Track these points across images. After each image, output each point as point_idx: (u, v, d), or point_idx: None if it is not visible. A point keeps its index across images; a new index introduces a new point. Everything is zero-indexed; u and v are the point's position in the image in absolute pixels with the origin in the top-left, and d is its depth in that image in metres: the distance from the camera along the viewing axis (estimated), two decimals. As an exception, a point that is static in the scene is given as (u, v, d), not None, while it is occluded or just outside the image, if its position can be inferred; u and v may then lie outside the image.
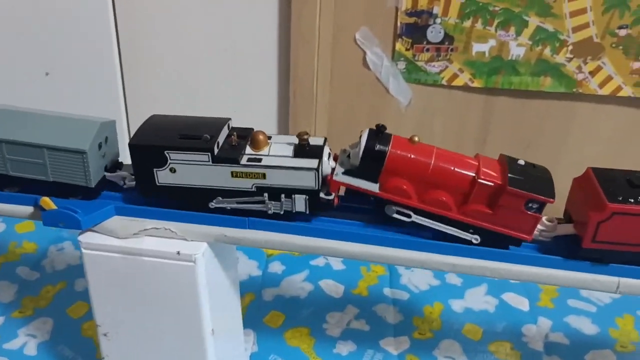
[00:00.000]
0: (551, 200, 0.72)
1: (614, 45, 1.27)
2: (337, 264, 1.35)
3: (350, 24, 1.31)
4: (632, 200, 0.71)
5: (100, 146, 0.82)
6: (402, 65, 1.35)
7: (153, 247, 0.80)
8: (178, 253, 0.79)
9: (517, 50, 1.30)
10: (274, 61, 1.35)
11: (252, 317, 1.19)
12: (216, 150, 0.76)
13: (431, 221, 0.76)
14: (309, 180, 0.75)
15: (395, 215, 0.76)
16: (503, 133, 1.41)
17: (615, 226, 0.71)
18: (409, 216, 0.76)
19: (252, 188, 0.77)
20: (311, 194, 0.76)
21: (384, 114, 1.41)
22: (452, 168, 0.74)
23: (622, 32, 1.26)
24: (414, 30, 1.30)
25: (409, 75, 1.36)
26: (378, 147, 0.74)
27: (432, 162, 0.74)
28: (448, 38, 1.30)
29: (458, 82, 1.35)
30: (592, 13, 1.25)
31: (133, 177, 0.83)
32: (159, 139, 0.77)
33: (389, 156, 0.74)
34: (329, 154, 0.79)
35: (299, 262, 1.35)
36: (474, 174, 0.74)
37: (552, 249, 0.78)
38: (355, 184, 0.76)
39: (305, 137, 0.77)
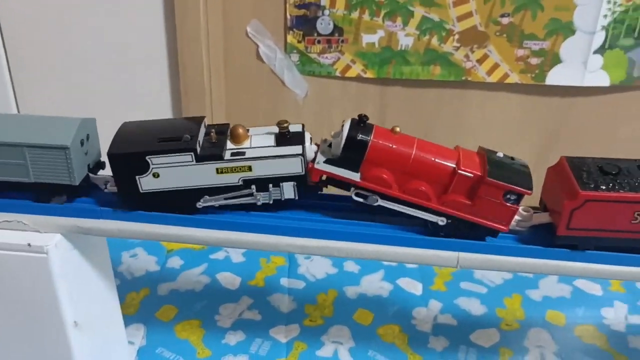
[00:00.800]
0: (529, 192, 0.74)
1: (497, 34, 1.31)
2: (237, 257, 1.36)
3: (240, 16, 1.32)
4: (603, 187, 0.72)
5: (82, 143, 0.80)
6: (295, 57, 1.36)
7: (3, 240, 0.79)
8: (29, 245, 0.79)
9: (405, 40, 1.33)
10: (163, 57, 1.35)
11: (145, 312, 1.19)
12: (199, 149, 0.75)
13: (399, 205, 0.77)
14: (295, 167, 0.76)
15: (355, 198, 0.77)
16: (400, 122, 1.41)
17: (589, 213, 0.73)
18: (365, 197, 0.77)
19: (238, 182, 0.77)
20: (299, 180, 0.77)
21: (282, 106, 1.42)
22: (433, 159, 0.75)
23: (505, 20, 1.30)
24: (304, 22, 1.32)
25: (303, 67, 1.37)
26: (360, 136, 0.74)
27: (413, 152, 0.75)
28: (338, 30, 1.32)
29: (351, 73, 1.37)
30: (475, 2, 1.28)
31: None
32: (137, 145, 0.76)
33: (371, 146, 0.74)
34: (310, 139, 0.79)
35: (198, 256, 1.35)
36: (454, 165, 0.75)
37: (529, 238, 0.79)
38: (336, 173, 0.77)
39: (285, 125, 0.77)
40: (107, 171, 0.82)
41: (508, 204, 0.74)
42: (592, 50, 1.32)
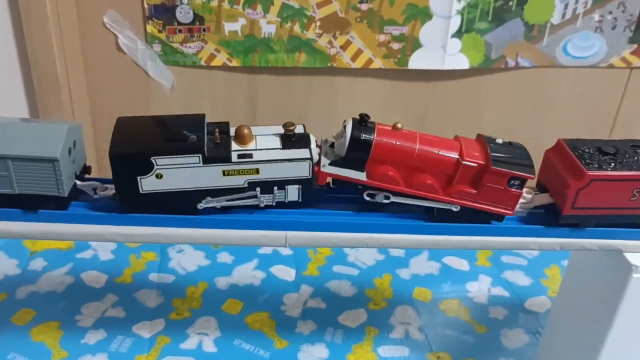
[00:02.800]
0: (532, 176, 0.75)
1: (358, 20, 1.33)
2: (105, 254, 1.32)
3: (95, 6, 1.27)
4: (605, 167, 0.75)
5: (69, 151, 0.74)
6: (157, 47, 1.33)
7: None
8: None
9: (268, 28, 1.32)
10: (12, 50, 1.29)
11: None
12: (206, 151, 0.71)
13: (411, 199, 0.77)
14: (303, 171, 0.74)
15: (366, 198, 0.76)
16: (271, 109, 1.43)
17: (592, 192, 0.75)
18: (388, 198, 0.77)
19: (244, 184, 0.74)
20: (305, 183, 0.75)
21: (149, 98, 1.39)
22: (437, 151, 0.75)
23: (364, 7, 1.32)
24: (163, 11, 1.29)
25: (167, 58, 1.34)
26: (364, 136, 0.73)
27: (417, 147, 0.75)
28: (198, 18, 1.30)
29: (217, 62, 1.35)
30: (334, -11, 1.30)
31: (105, 186, 0.78)
32: (142, 145, 0.72)
33: (375, 144, 0.74)
34: (315, 141, 0.77)
35: (63, 257, 1.30)
36: (457, 156, 0.75)
37: (533, 219, 0.80)
38: (342, 174, 0.75)
39: (292, 127, 0.75)
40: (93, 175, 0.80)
41: (512, 190, 0.76)
42: (450, 34, 1.36)
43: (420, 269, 1.33)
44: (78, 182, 0.77)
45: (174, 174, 0.72)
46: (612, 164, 0.76)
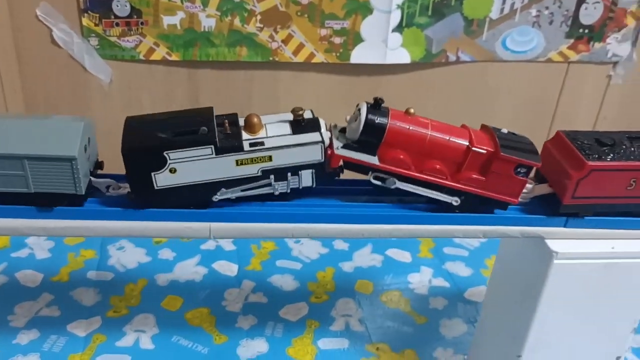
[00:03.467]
0: (539, 164, 0.77)
1: (299, 14, 1.33)
2: (42, 253, 1.29)
3: (28, -1, 1.24)
4: (604, 158, 0.78)
5: (85, 149, 0.73)
6: (94, 41, 1.30)
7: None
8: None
9: (207, 21, 1.31)
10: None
11: None
12: (218, 142, 0.71)
13: (415, 187, 0.78)
14: (315, 154, 0.74)
15: (374, 181, 0.77)
16: (213, 104, 1.40)
17: (592, 182, 0.78)
18: (384, 180, 0.77)
19: (258, 173, 0.74)
20: (317, 167, 0.75)
21: (87, 92, 1.36)
22: (448, 138, 0.76)
23: (304, 1, 1.32)
24: (99, 4, 1.26)
25: (104, 52, 1.32)
26: (378, 120, 0.74)
27: (429, 132, 0.76)
28: (136, 11, 1.28)
29: (156, 56, 1.33)
30: (273, -17, 1.30)
31: (118, 185, 0.77)
32: (154, 140, 0.71)
33: (389, 129, 0.74)
34: (325, 125, 0.77)
35: (-1, 255, 1.27)
36: (467, 143, 0.76)
37: (534, 208, 0.82)
38: (355, 157, 0.76)
39: (300, 112, 0.75)
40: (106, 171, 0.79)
41: (519, 177, 0.77)
42: (391, 28, 1.37)
43: (363, 262, 1.33)
44: (93, 179, 0.77)
45: (188, 167, 0.72)
46: (611, 155, 0.79)
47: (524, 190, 0.82)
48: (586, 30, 1.47)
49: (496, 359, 0.97)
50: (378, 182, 0.78)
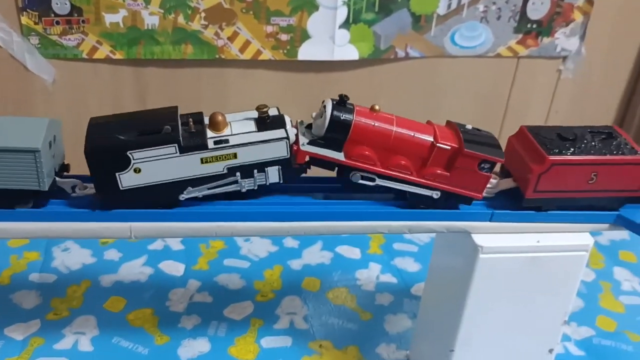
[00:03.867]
0: (502, 160, 0.78)
1: (244, 11, 1.32)
2: (-17, 255, 1.27)
3: (-37, -3, 1.22)
4: (565, 152, 0.79)
5: (50, 145, 0.72)
6: (35, 40, 1.28)
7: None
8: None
9: (151, 19, 1.30)
10: None
11: None
12: (182, 140, 0.71)
13: (395, 183, 0.79)
14: (281, 150, 0.75)
15: (361, 181, 0.78)
16: (161, 103, 1.38)
17: (553, 176, 0.79)
18: (373, 180, 0.79)
19: (223, 170, 0.75)
20: (284, 163, 0.76)
21: (30, 92, 1.34)
22: (413, 134, 0.78)
23: (249, -2, 1.31)
24: (38, 2, 1.24)
25: (46, 51, 1.30)
26: (343, 116, 0.75)
27: (394, 129, 0.77)
28: (76, 9, 1.26)
29: (99, 55, 1.32)
30: (216, -20, 1.28)
31: (85, 185, 0.77)
32: (117, 140, 0.71)
33: (354, 125, 0.76)
34: (290, 122, 0.77)
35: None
36: (432, 139, 0.78)
37: (497, 203, 0.84)
38: (321, 154, 0.77)
39: (265, 109, 0.76)
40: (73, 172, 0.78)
41: (483, 173, 0.79)
42: (338, 25, 1.37)
43: (312, 259, 1.33)
44: (58, 179, 0.76)
45: (152, 166, 0.72)
46: (572, 149, 0.80)
47: (489, 185, 0.84)
48: (534, 25, 1.48)
49: (433, 353, 0.98)
50: (351, 179, 0.79)
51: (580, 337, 1.17)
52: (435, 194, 0.80)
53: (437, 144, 0.78)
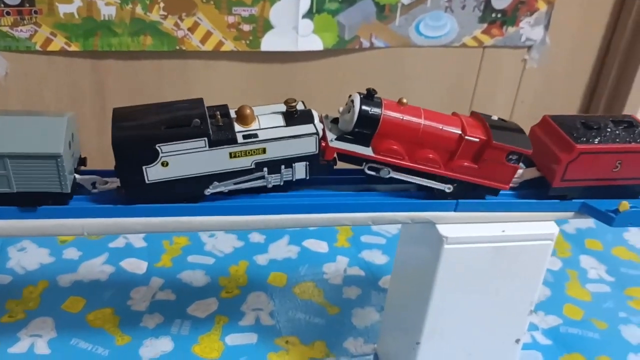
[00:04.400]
0: (529, 151, 0.77)
1: (204, 1, 1.28)
2: None
3: None
4: (592, 141, 0.80)
5: (70, 145, 0.70)
6: (-15, 32, 1.23)
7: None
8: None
9: (107, 9, 1.25)
10: None
11: None
12: (212, 134, 0.69)
13: (407, 175, 0.78)
14: (310, 146, 0.73)
15: (368, 172, 0.77)
16: (121, 96, 1.37)
17: (581, 165, 0.80)
18: (377, 171, 0.77)
19: (251, 165, 0.73)
20: (312, 159, 0.74)
21: (-19, 87, 1.29)
22: (441, 127, 0.76)
23: (209, -13, 1.28)
24: (-13, -8, 1.19)
25: (-3, 43, 1.25)
26: (372, 111, 0.74)
27: (422, 122, 0.76)
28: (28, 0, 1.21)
29: (54, 46, 1.27)
30: (175, -32, 1.25)
31: (105, 180, 0.76)
32: (145, 132, 0.69)
33: (383, 119, 0.74)
34: (319, 117, 0.76)
35: None
36: (460, 132, 0.77)
37: (525, 193, 0.84)
38: (350, 149, 0.75)
39: (294, 103, 0.74)
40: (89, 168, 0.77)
41: (510, 164, 0.78)
42: (301, 15, 1.34)
43: (279, 254, 1.31)
44: (77, 177, 0.74)
45: (180, 160, 0.70)
46: (598, 138, 0.81)
47: (515, 176, 0.83)
48: (499, 15, 1.48)
49: (400, 346, 0.96)
50: (372, 173, 0.78)
51: (547, 325, 1.17)
52: (448, 188, 0.79)
53: (466, 137, 0.77)
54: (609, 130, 0.82)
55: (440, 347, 0.89)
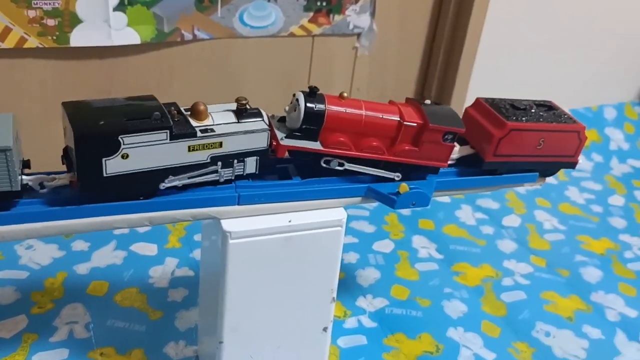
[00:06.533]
0: (463, 130, 0.85)
1: (-2, -6, 1.19)
2: None
3: None
4: (520, 119, 0.89)
5: (15, 142, 0.67)
6: None
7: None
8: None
9: None
10: None
11: None
12: (173, 127, 0.71)
13: (364, 167, 0.84)
14: (262, 141, 0.77)
15: (324, 165, 0.82)
16: None
17: (510, 141, 0.88)
18: (342, 165, 0.83)
19: (207, 159, 0.75)
20: (262, 154, 0.78)
21: None
22: (381, 116, 0.82)
23: (2, -21, 1.17)
24: None
25: None
26: (317, 107, 0.78)
27: (364, 113, 0.81)
28: None
29: None
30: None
31: (52, 177, 0.74)
32: (109, 124, 0.69)
33: (328, 114, 0.79)
34: (267, 115, 0.79)
35: None
36: (399, 119, 0.83)
37: (460, 170, 0.93)
38: (300, 145, 0.80)
39: (244, 102, 0.77)
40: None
41: (447, 143, 0.85)
42: (111, 7, 1.27)
43: (102, 261, 1.23)
44: (24, 177, 0.71)
45: (140, 152, 0.71)
46: (525, 117, 0.90)
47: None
48: (324, 3, 1.48)
49: (210, 346, 0.93)
50: (326, 166, 0.82)
51: (374, 308, 1.18)
52: (397, 176, 0.86)
53: (405, 122, 0.83)
54: (533, 111, 0.92)
55: (245, 344, 0.87)
